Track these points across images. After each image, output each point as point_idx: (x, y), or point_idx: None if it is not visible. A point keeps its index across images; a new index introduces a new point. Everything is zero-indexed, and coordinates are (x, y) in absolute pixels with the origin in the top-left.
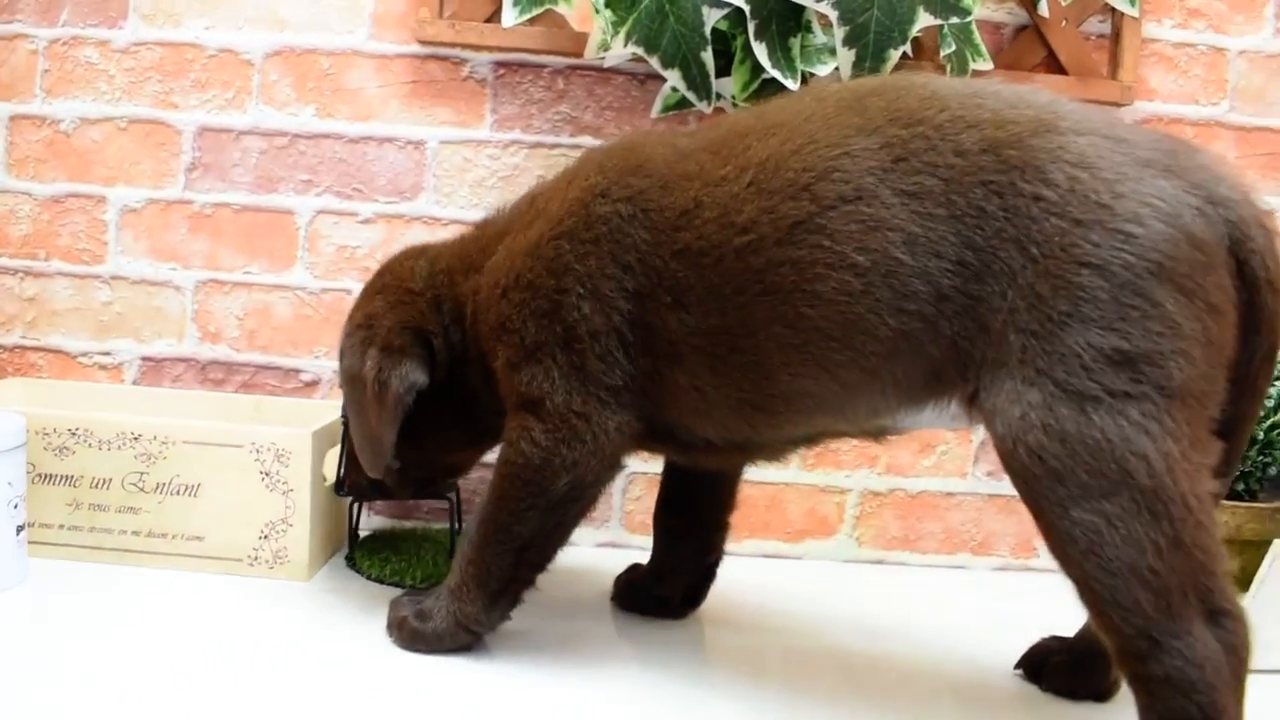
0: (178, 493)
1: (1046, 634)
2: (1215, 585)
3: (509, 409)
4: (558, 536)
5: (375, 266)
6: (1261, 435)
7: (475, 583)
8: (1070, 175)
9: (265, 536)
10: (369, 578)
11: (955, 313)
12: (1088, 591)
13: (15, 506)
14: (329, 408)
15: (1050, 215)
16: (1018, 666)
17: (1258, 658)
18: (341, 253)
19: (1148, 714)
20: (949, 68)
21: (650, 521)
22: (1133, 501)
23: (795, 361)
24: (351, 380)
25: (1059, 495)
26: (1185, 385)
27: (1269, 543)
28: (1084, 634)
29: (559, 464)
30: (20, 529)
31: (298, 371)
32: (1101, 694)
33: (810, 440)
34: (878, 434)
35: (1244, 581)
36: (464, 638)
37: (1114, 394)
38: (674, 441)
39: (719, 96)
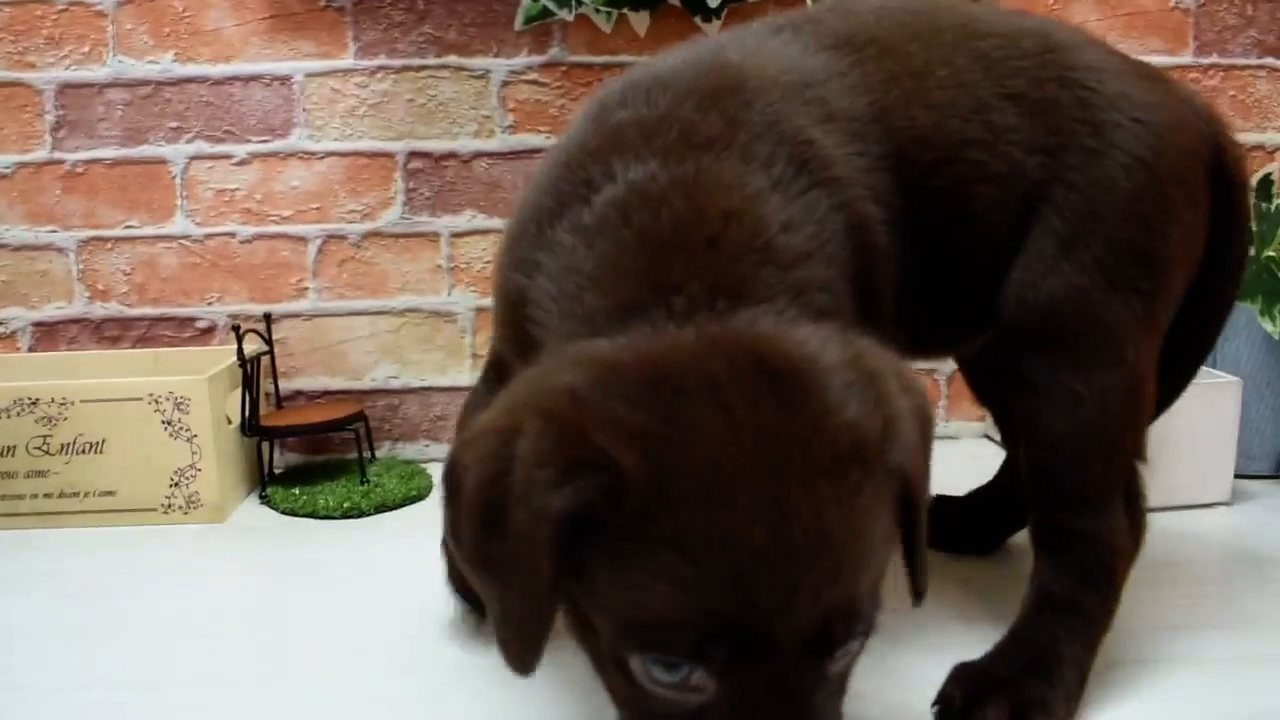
0: (83, 451)
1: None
2: (1138, 470)
3: None
4: None
5: (256, 207)
6: None
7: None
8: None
9: (176, 484)
10: (282, 512)
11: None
12: (1060, 448)
13: None
14: (225, 353)
15: (1094, 108)
16: None
17: None
18: (221, 196)
19: (1064, 563)
20: None
21: None
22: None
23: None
24: None
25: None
26: None
27: None
28: (982, 495)
29: None
30: None
31: (193, 320)
32: (986, 551)
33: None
34: None
35: None
36: None
37: None
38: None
39: (579, 4)
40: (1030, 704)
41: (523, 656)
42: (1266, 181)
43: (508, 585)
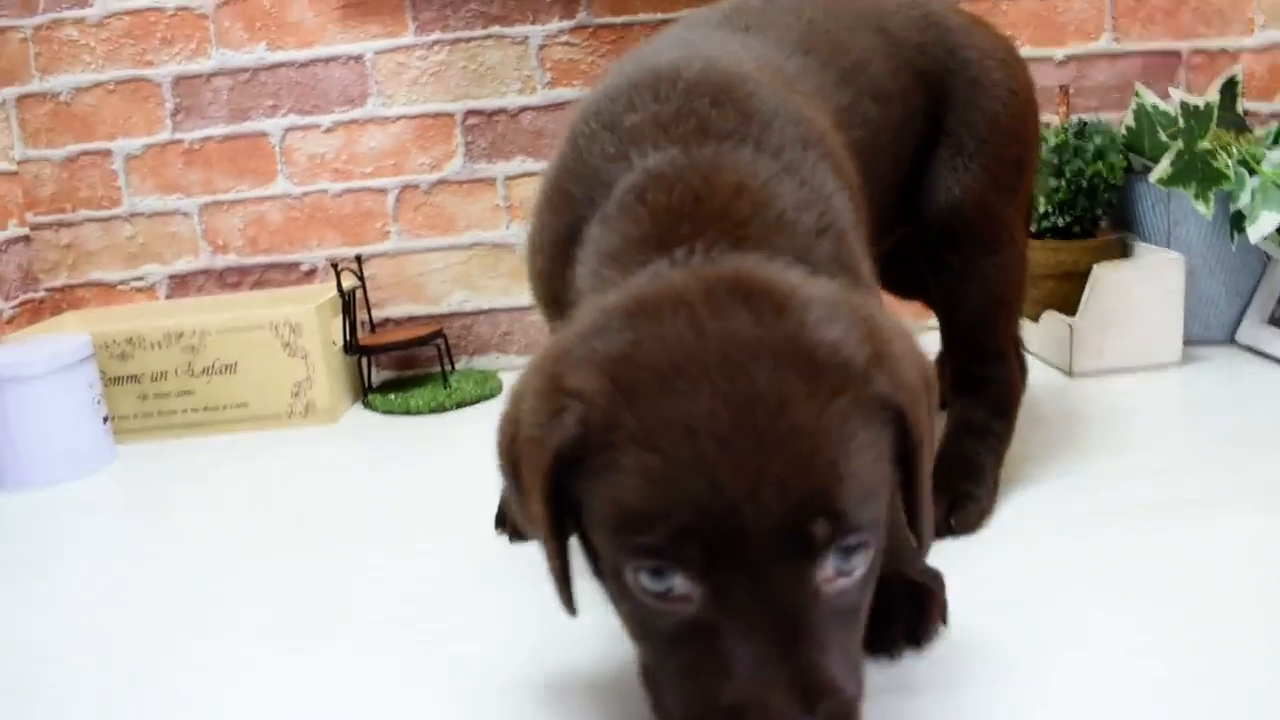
0: (220, 372)
1: None
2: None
3: None
4: None
5: (343, 166)
6: (1085, 184)
7: None
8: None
9: (296, 394)
10: (381, 413)
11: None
12: (977, 315)
13: (98, 402)
14: (327, 289)
15: (972, 63)
16: None
17: (1085, 363)
18: (313, 160)
19: (977, 400)
20: None
21: None
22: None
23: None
24: None
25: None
26: None
27: None
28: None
29: None
30: (106, 419)
31: (297, 264)
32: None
33: None
34: None
35: (1075, 303)
36: None
37: None
38: None
39: None
40: (963, 496)
41: (562, 597)
42: (1232, 83)
43: (536, 536)
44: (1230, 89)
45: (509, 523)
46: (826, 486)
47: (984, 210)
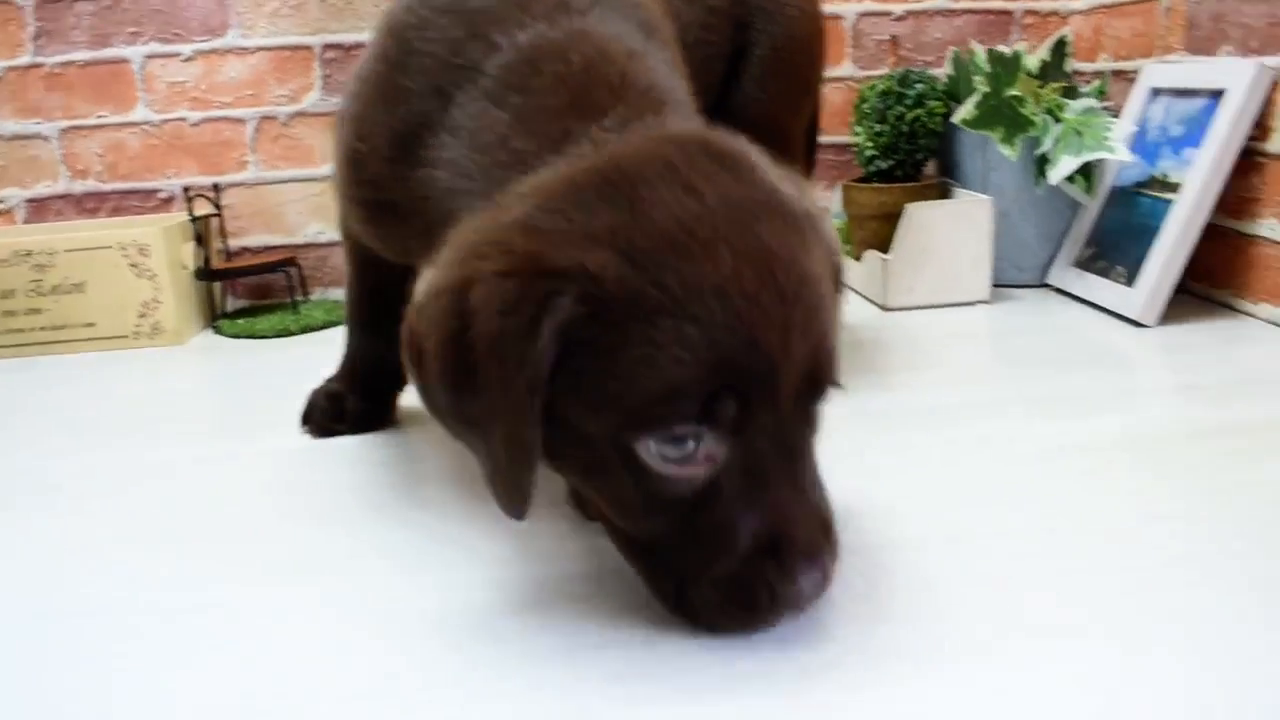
0: (69, 292)
1: None
2: None
3: None
4: None
5: (202, 95)
6: (907, 128)
7: None
8: None
9: (143, 315)
10: (229, 336)
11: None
12: None
13: None
14: (182, 215)
15: None
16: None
17: (897, 298)
18: (173, 88)
19: None
20: None
21: None
22: None
23: None
24: None
25: None
26: None
27: None
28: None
29: None
30: None
31: (155, 191)
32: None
33: None
34: None
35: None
36: None
37: None
38: None
39: None
40: None
41: (515, 501)
42: (1062, 43)
43: (489, 437)
44: (1060, 49)
45: (314, 420)
46: (829, 331)
47: (773, 123)
